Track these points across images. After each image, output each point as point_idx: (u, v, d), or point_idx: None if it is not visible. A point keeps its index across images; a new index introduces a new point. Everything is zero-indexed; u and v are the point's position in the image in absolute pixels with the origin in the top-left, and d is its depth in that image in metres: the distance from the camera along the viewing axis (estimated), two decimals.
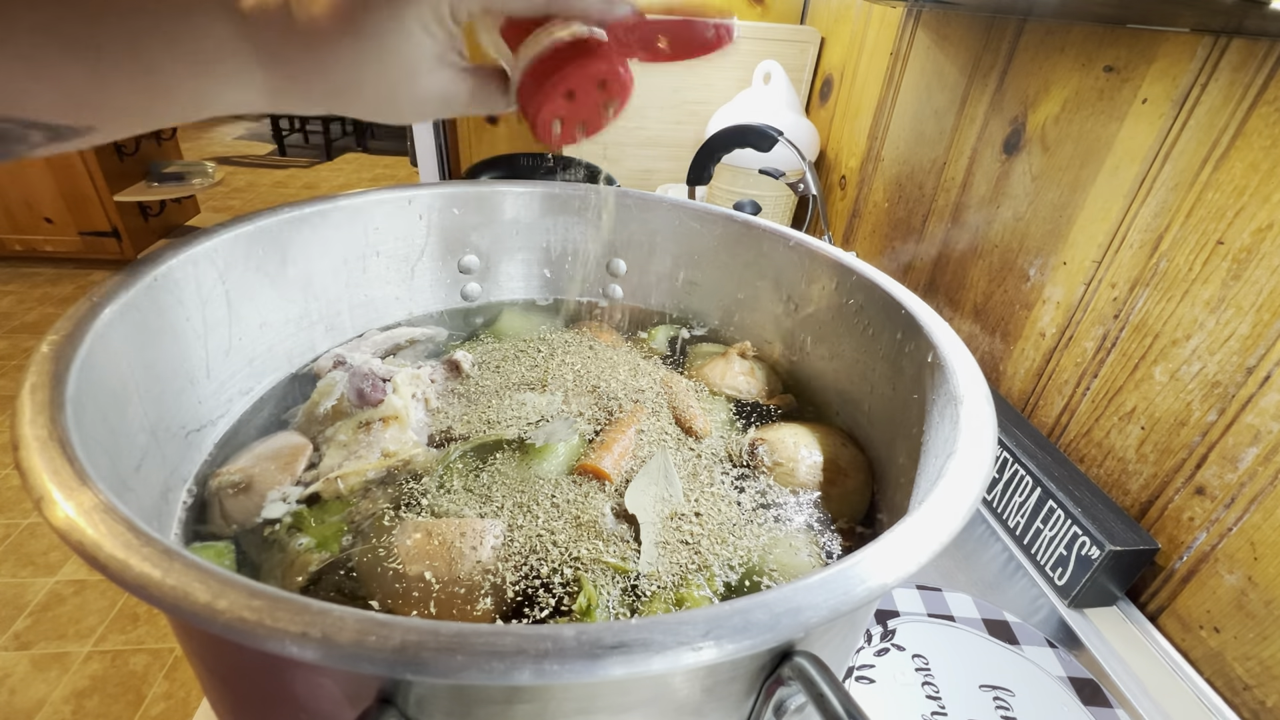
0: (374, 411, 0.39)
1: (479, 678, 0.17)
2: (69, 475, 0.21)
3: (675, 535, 0.34)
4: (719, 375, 0.48)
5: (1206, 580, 0.51)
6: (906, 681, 0.47)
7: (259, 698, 0.23)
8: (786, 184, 0.86)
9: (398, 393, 0.40)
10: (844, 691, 0.19)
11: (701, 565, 0.33)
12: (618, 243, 0.55)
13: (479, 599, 0.30)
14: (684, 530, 0.34)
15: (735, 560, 0.33)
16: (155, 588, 0.18)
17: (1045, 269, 0.68)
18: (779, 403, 0.47)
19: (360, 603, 0.30)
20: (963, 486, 0.25)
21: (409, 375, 0.42)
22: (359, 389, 0.39)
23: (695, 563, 0.33)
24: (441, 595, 0.30)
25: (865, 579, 0.20)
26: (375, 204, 0.47)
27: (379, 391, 0.39)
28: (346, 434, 0.38)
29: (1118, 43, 0.59)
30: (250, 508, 0.34)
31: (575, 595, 0.30)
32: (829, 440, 0.41)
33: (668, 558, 0.33)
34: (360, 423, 0.38)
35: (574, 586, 0.31)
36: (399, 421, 0.39)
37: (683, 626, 0.18)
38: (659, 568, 0.32)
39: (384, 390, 0.40)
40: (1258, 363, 0.48)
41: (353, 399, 0.39)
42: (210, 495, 0.34)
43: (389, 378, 0.41)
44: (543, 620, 0.29)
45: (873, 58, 1.00)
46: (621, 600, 0.31)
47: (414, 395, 0.41)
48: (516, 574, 0.31)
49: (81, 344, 0.27)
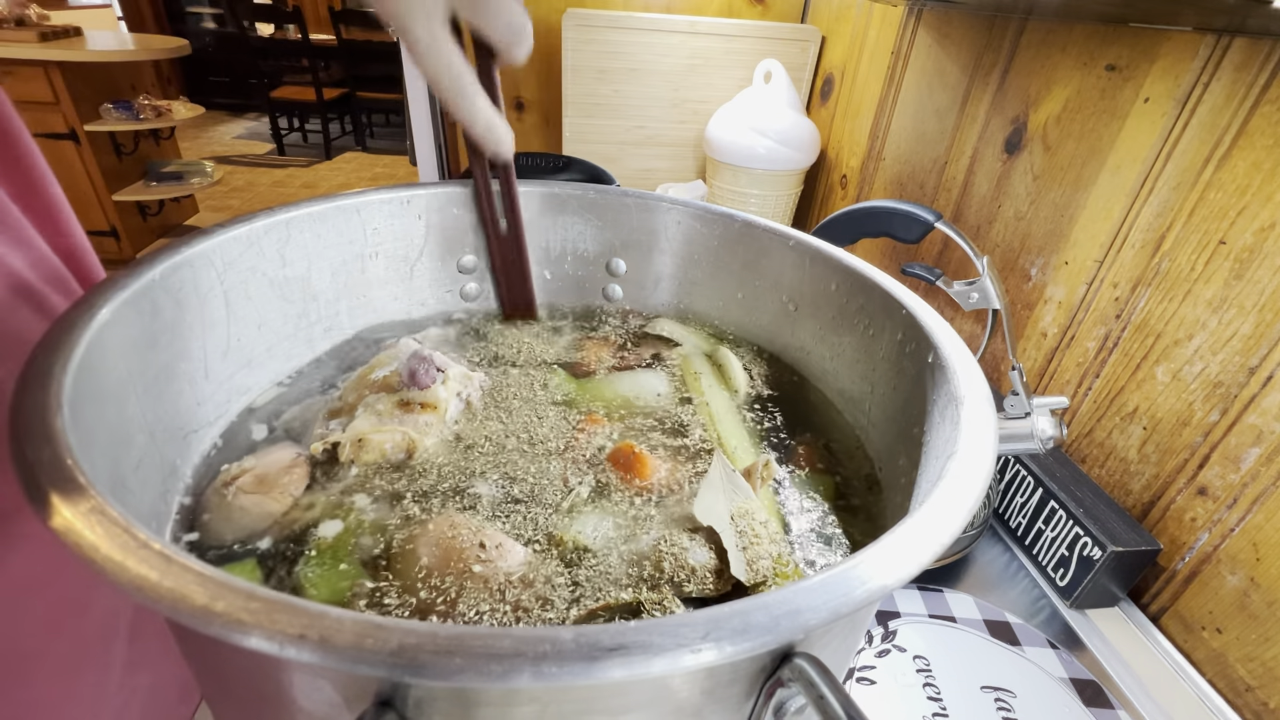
0: (418, 394, 0.40)
1: (477, 680, 0.16)
2: (66, 477, 0.21)
3: (747, 533, 0.33)
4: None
5: (1209, 581, 0.51)
6: (908, 683, 0.47)
7: (257, 699, 0.23)
8: (947, 291, 0.55)
9: (446, 385, 0.41)
10: (844, 693, 0.19)
11: (778, 555, 0.33)
12: (618, 243, 0.55)
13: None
14: (749, 527, 0.34)
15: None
16: (152, 589, 0.18)
17: (1047, 269, 0.68)
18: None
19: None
20: (963, 488, 0.25)
21: (461, 373, 0.43)
22: (413, 369, 0.40)
23: (772, 552, 0.33)
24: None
25: (866, 581, 0.20)
26: (374, 204, 0.47)
27: (429, 378, 0.40)
28: (385, 405, 0.39)
29: (1120, 41, 0.59)
30: (249, 525, 0.33)
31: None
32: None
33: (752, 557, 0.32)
34: (402, 400, 0.40)
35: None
36: (436, 411, 0.40)
37: (682, 628, 0.18)
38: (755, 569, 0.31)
39: (434, 378, 0.41)
40: (1260, 363, 0.48)
41: (404, 377, 0.40)
42: (206, 507, 0.34)
43: (444, 369, 0.42)
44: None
45: (874, 57, 1.00)
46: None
47: (459, 394, 0.42)
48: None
49: (79, 344, 0.27)
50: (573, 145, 1.20)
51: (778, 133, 1.04)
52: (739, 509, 0.34)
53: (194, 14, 4.78)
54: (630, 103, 1.17)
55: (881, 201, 0.58)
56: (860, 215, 0.60)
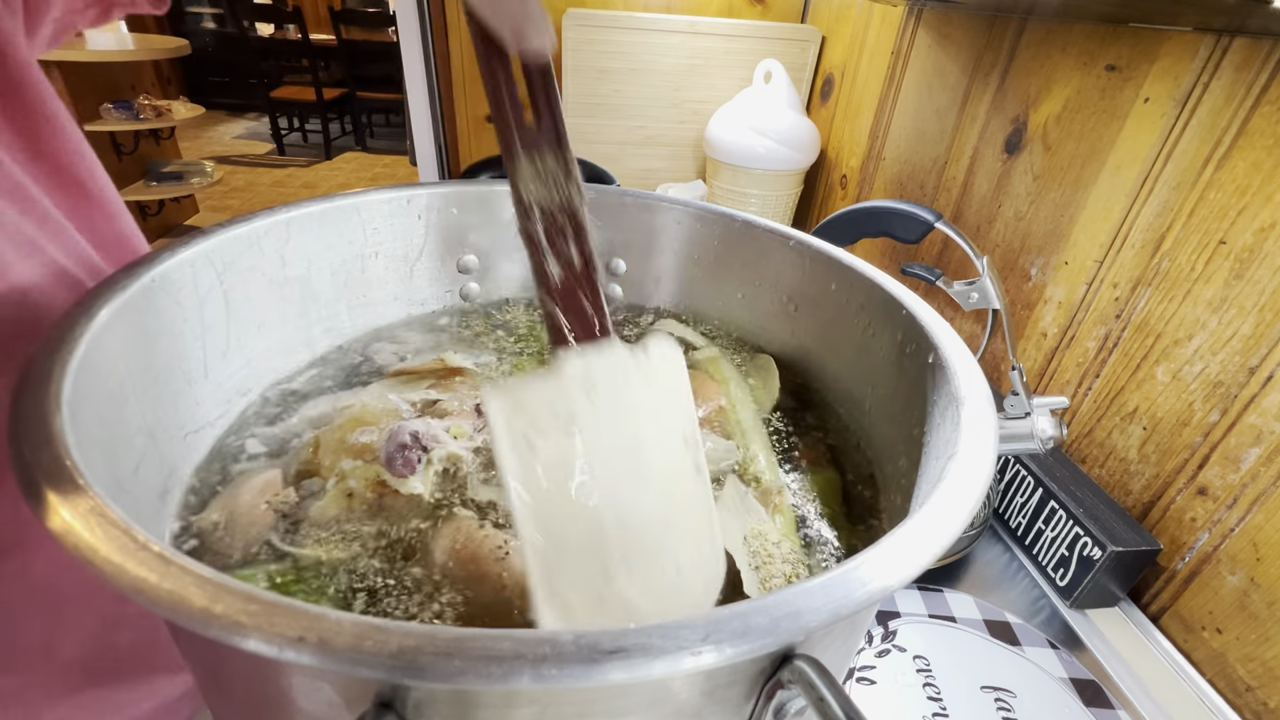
0: (395, 480, 0.36)
1: (477, 682, 0.16)
2: (66, 478, 0.21)
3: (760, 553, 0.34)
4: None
5: (1209, 581, 0.51)
6: (908, 683, 0.47)
7: (256, 701, 0.23)
8: (947, 291, 0.56)
9: (426, 470, 0.36)
10: (844, 695, 0.19)
11: (790, 574, 0.33)
12: (617, 243, 0.55)
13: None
14: (761, 547, 0.34)
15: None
16: (151, 591, 0.18)
17: (1047, 269, 0.68)
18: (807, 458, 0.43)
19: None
20: (964, 488, 0.25)
21: (447, 454, 0.38)
22: (389, 454, 0.36)
23: (785, 572, 0.33)
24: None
25: (866, 582, 0.20)
26: (374, 204, 0.47)
27: (408, 468, 0.36)
28: (359, 483, 0.35)
29: (1119, 41, 0.59)
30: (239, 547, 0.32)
31: None
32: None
33: (764, 576, 0.32)
34: (378, 480, 0.35)
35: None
36: (411, 499, 0.35)
37: (681, 631, 0.18)
38: (768, 589, 0.31)
39: (414, 467, 0.36)
40: (1260, 363, 0.48)
41: (382, 460, 0.36)
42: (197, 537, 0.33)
43: (430, 448, 0.37)
44: None
45: (874, 57, 1.00)
46: None
47: (445, 470, 0.37)
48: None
49: (78, 345, 0.27)
50: (573, 145, 1.20)
51: (778, 133, 1.04)
52: (752, 530, 0.35)
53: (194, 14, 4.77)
54: (630, 103, 1.17)
55: (881, 201, 0.58)
56: (860, 215, 0.60)
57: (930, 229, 0.55)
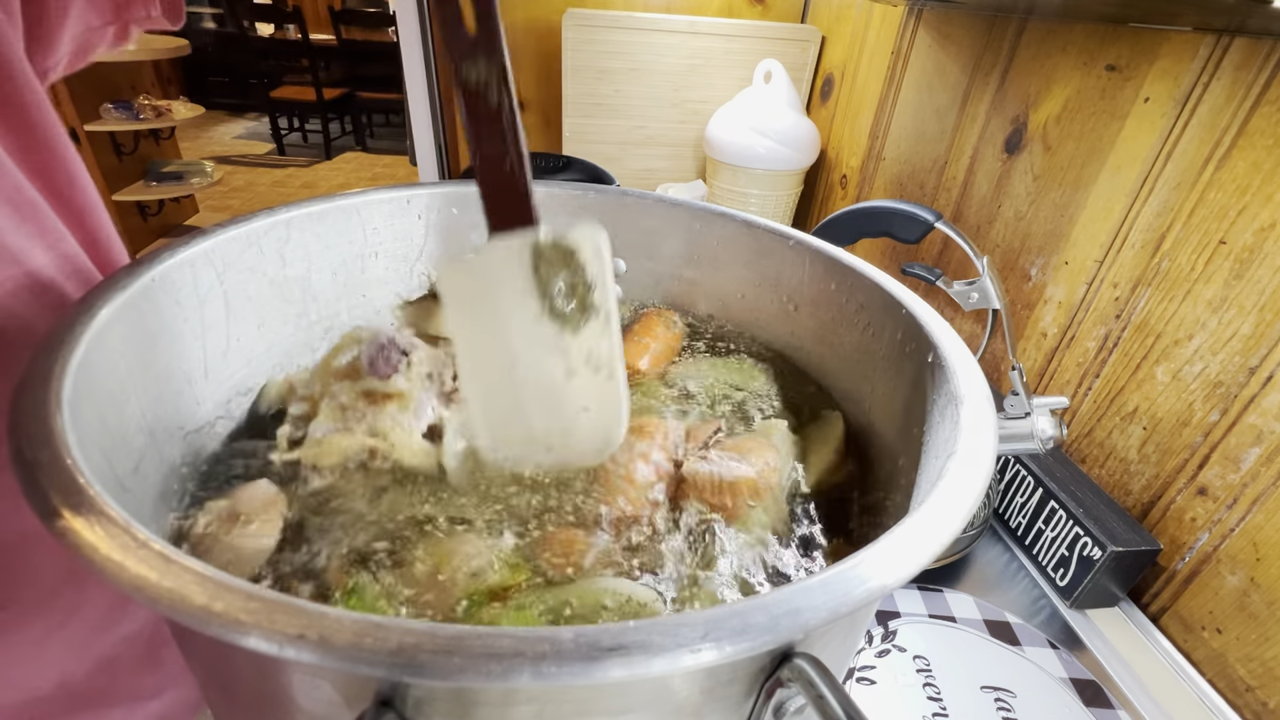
0: (379, 384, 0.36)
1: (476, 680, 0.16)
2: (66, 477, 0.21)
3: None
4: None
5: (1209, 581, 0.51)
6: (908, 683, 0.47)
7: (257, 699, 0.23)
8: (947, 291, 0.55)
9: (409, 371, 0.37)
10: (844, 693, 0.19)
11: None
12: (617, 243, 0.55)
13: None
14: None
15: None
16: (152, 589, 0.18)
17: (1047, 269, 0.68)
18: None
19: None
20: (963, 487, 0.25)
21: (429, 354, 0.38)
22: (371, 357, 0.36)
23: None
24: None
25: (865, 580, 0.20)
26: (374, 204, 0.47)
27: (389, 366, 0.36)
28: (348, 396, 0.36)
29: (1120, 41, 0.59)
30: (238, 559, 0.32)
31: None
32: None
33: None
34: (364, 390, 0.36)
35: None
36: (400, 401, 0.36)
37: (681, 628, 0.18)
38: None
39: (395, 366, 0.36)
40: (1260, 363, 0.48)
41: (365, 365, 0.37)
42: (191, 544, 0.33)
43: (409, 351, 0.37)
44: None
45: (874, 56, 1.00)
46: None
47: (429, 375, 0.37)
48: None
49: (78, 345, 0.27)
50: (573, 145, 1.20)
51: (778, 133, 1.04)
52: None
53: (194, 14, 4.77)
54: (630, 103, 1.17)
55: (881, 201, 0.58)
56: (860, 215, 0.60)
57: (930, 229, 0.55)
